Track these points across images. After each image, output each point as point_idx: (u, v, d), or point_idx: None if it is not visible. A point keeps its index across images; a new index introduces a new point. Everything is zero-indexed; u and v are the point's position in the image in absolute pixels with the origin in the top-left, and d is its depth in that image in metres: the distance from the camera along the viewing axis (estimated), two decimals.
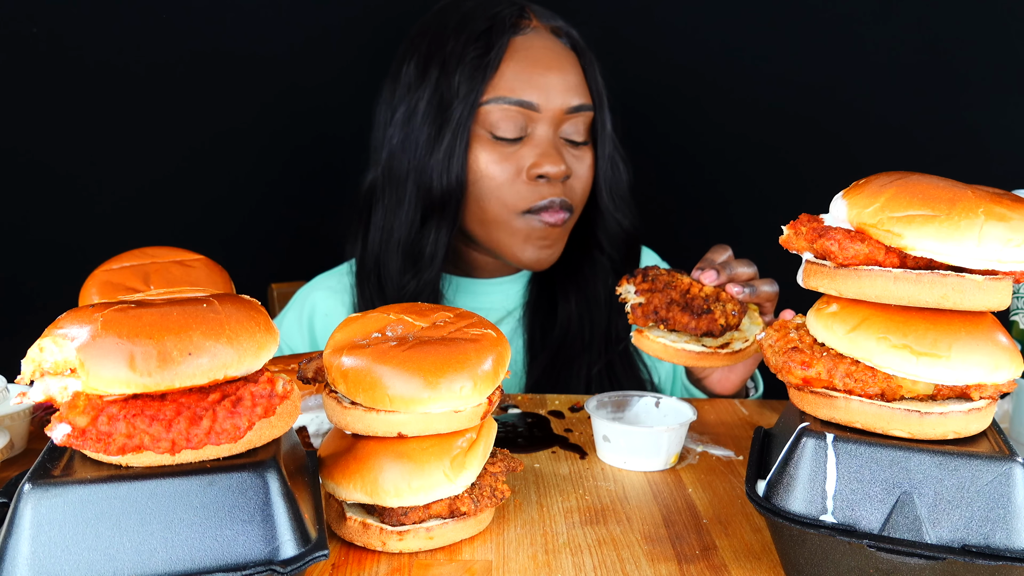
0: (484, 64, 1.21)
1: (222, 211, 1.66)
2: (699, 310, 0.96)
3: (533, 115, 1.23)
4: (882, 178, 0.69)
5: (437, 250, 1.26)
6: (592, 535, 0.78)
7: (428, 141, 1.23)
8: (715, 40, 1.67)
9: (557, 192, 1.24)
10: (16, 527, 0.58)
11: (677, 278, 1.00)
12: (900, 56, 1.64)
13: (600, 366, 1.32)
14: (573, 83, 1.25)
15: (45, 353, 0.59)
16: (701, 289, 0.99)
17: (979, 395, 0.67)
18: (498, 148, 1.23)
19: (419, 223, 1.26)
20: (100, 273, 0.91)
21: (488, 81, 1.22)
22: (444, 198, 1.23)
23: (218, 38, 1.59)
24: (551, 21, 1.29)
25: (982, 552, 0.62)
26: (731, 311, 0.98)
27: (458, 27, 1.24)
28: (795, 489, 0.67)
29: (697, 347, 0.97)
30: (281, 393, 0.64)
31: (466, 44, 1.22)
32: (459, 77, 1.21)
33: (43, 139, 1.56)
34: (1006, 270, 0.64)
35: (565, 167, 1.23)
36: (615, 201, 1.33)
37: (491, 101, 1.22)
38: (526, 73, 1.22)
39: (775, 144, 1.70)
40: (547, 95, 1.22)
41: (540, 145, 1.23)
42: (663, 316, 0.97)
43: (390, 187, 1.28)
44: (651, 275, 1.00)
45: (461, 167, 1.22)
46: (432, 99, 1.23)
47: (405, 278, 1.27)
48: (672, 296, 0.97)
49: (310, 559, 0.60)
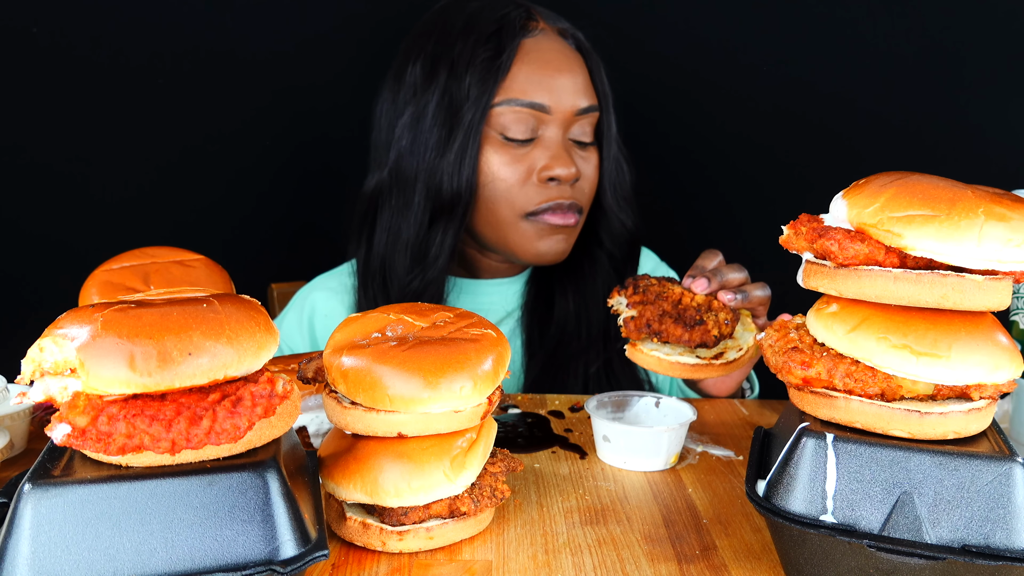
0: (496, 66, 1.21)
1: (222, 211, 1.66)
2: (692, 321, 0.95)
3: (544, 117, 1.23)
4: (882, 178, 0.69)
5: (443, 251, 1.26)
6: (592, 535, 0.78)
7: (439, 143, 1.23)
8: (716, 40, 1.67)
9: (566, 194, 1.25)
10: (16, 527, 0.58)
11: (668, 288, 0.99)
12: (900, 56, 1.64)
13: (598, 365, 1.32)
14: (581, 85, 1.25)
15: (45, 353, 0.59)
16: (693, 298, 0.98)
17: (979, 395, 0.67)
18: (509, 150, 1.23)
19: (427, 224, 1.26)
20: (100, 273, 0.91)
21: (499, 83, 1.22)
22: (454, 200, 1.24)
23: (217, 38, 1.59)
24: (557, 23, 1.30)
25: (982, 552, 0.62)
26: (724, 320, 0.97)
27: (466, 28, 1.24)
28: (795, 489, 0.67)
29: (692, 359, 0.97)
30: (281, 393, 0.64)
31: (475, 46, 1.22)
32: (470, 79, 1.21)
33: (43, 139, 1.56)
34: (1006, 270, 0.64)
35: (576, 169, 1.24)
36: (619, 201, 1.34)
37: (502, 103, 1.22)
38: (537, 75, 1.22)
39: (775, 144, 1.70)
40: (558, 97, 1.23)
41: (551, 147, 1.24)
42: (656, 329, 0.96)
43: (398, 189, 1.28)
44: (642, 286, 0.99)
45: (473, 169, 1.22)
46: (442, 101, 1.23)
47: (410, 277, 1.27)
48: (664, 307, 0.97)
49: (310, 559, 0.60)
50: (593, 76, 1.29)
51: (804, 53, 1.65)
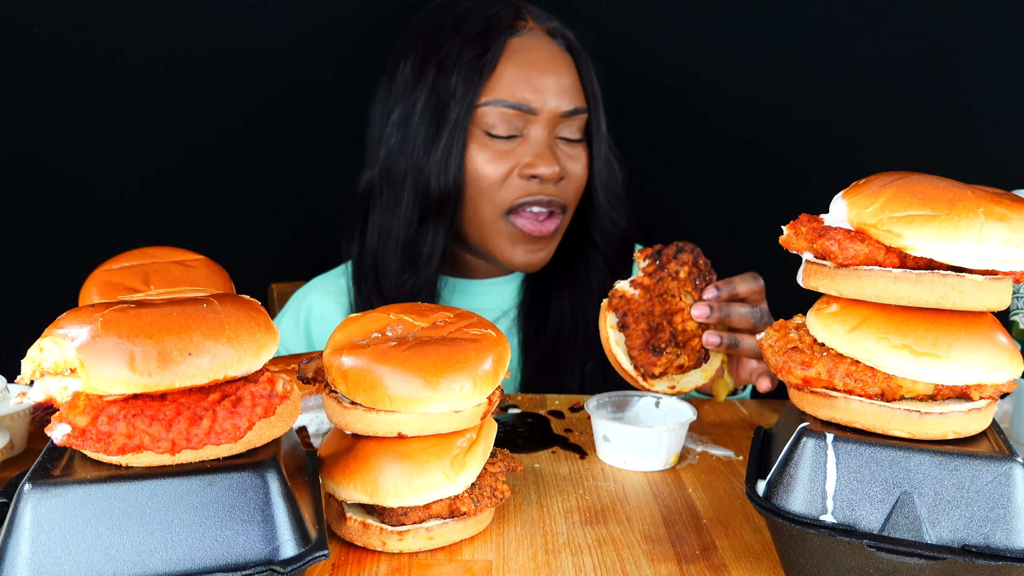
0: (481, 65, 1.22)
1: (222, 211, 1.66)
2: (654, 346, 0.97)
3: (529, 117, 1.23)
4: (882, 178, 0.69)
5: (435, 250, 1.27)
6: (592, 535, 0.78)
7: (425, 142, 1.24)
8: (715, 40, 1.67)
9: (547, 192, 1.25)
10: (16, 527, 0.58)
11: (675, 296, 1.00)
12: (900, 56, 1.64)
13: (594, 363, 1.32)
14: (568, 85, 1.25)
15: (45, 353, 0.59)
16: (684, 320, 0.99)
17: (979, 395, 0.67)
18: (494, 148, 1.24)
19: (417, 223, 1.26)
20: (100, 273, 0.91)
21: (485, 83, 1.22)
22: (442, 198, 1.24)
23: (216, 38, 1.59)
24: (547, 22, 1.29)
25: (982, 552, 0.62)
26: (679, 363, 0.98)
27: (455, 27, 1.25)
28: (795, 489, 0.67)
29: (633, 372, 0.98)
30: (281, 393, 0.64)
31: (463, 45, 1.23)
32: (456, 78, 1.22)
33: (43, 139, 1.56)
34: (1006, 270, 0.64)
35: (559, 168, 1.24)
36: (610, 200, 1.34)
37: (488, 103, 1.22)
38: (523, 75, 1.22)
39: (775, 144, 1.70)
40: (543, 98, 1.23)
41: (535, 146, 1.24)
42: (624, 323, 0.98)
43: (388, 187, 1.28)
44: (656, 277, 0.99)
45: (458, 167, 1.23)
46: (429, 100, 1.24)
47: (403, 277, 1.28)
48: (649, 318, 0.98)
49: (310, 559, 0.60)
50: (582, 76, 1.28)
51: (804, 53, 1.65)
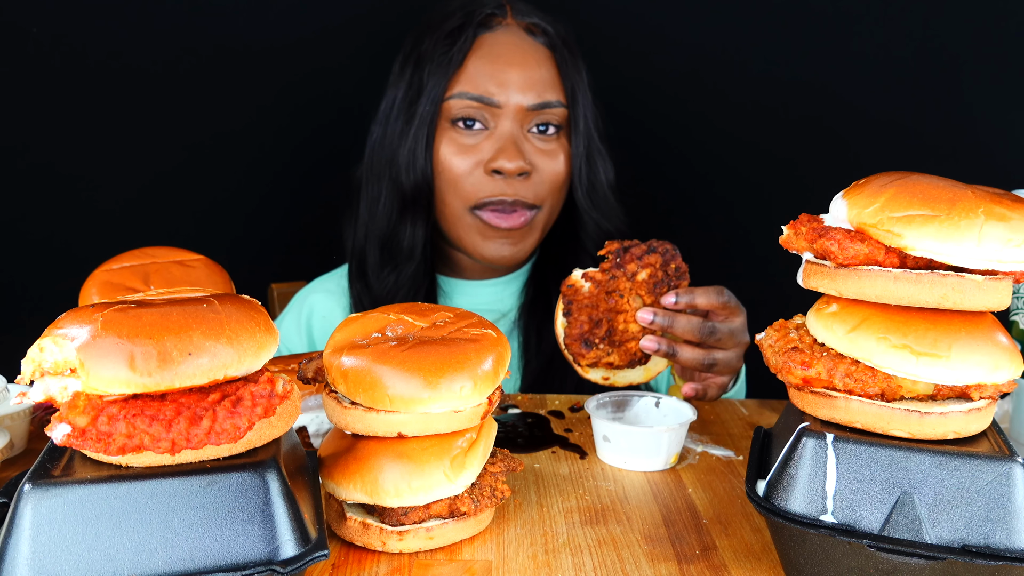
0: (448, 59, 1.23)
1: (222, 211, 1.66)
2: (588, 340, 1.02)
3: (495, 111, 1.24)
4: (882, 178, 0.69)
5: (415, 243, 1.28)
6: (592, 535, 0.78)
7: (400, 135, 1.26)
8: (716, 40, 1.67)
9: (510, 190, 1.24)
10: (16, 527, 0.58)
11: (623, 297, 1.02)
12: (900, 55, 1.64)
13: None
14: (538, 79, 1.24)
15: (45, 353, 0.59)
16: (626, 320, 1.03)
17: (979, 395, 0.67)
18: (459, 141, 1.25)
19: (396, 217, 1.28)
20: (100, 273, 0.91)
21: (452, 76, 1.23)
22: (415, 192, 1.26)
23: (217, 38, 1.59)
24: (527, 18, 1.28)
25: (982, 552, 0.62)
26: (608, 361, 1.02)
27: (437, 24, 1.27)
28: (795, 489, 0.67)
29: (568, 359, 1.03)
30: (281, 393, 0.64)
31: (438, 41, 1.25)
32: (428, 72, 1.24)
33: (43, 139, 1.56)
34: (1006, 270, 0.64)
35: (523, 163, 1.23)
36: (591, 200, 1.32)
37: (454, 96, 1.23)
38: (488, 69, 1.23)
39: (775, 144, 1.69)
40: (507, 91, 1.23)
41: (500, 140, 1.24)
42: (567, 311, 1.02)
43: (370, 181, 1.31)
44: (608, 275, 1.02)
45: (426, 160, 1.24)
46: (407, 94, 1.26)
47: (384, 272, 1.29)
48: (593, 312, 1.02)
49: (310, 559, 0.60)
50: (561, 71, 1.27)
51: (804, 53, 1.65)
